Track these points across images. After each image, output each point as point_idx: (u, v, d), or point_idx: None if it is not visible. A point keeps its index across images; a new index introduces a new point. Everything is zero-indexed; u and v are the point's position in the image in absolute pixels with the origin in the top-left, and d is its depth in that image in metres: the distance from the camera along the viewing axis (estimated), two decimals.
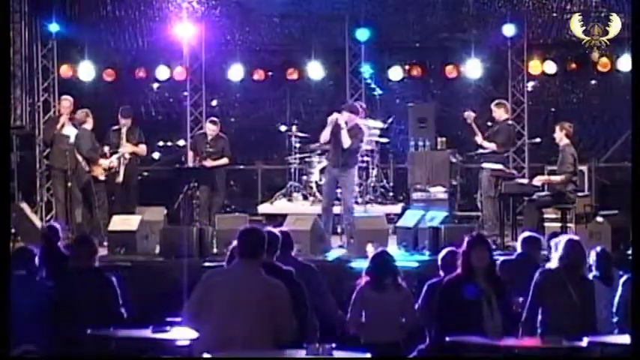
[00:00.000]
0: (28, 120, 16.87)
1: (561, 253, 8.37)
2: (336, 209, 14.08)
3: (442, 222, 13.30)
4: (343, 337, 8.69)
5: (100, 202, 14.65)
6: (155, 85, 18.17)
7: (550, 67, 17.15)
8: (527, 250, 9.75)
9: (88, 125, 14.92)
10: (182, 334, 7.61)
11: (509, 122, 15.12)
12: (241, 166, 17.65)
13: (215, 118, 15.91)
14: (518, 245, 10.02)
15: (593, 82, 17.64)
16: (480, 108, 15.60)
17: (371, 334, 8.87)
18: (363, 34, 17.12)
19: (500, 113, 14.92)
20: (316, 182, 15.79)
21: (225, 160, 15.54)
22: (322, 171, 15.41)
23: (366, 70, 17.35)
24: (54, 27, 17.09)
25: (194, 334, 7.18)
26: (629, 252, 11.54)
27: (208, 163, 15.31)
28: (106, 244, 13.25)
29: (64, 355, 7.97)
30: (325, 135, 13.78)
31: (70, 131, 15.27)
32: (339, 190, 14.05)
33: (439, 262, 9.42)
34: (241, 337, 6.86)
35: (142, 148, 15.42)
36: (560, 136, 14.07)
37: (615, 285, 8.80)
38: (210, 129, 15.62)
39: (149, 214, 14.22)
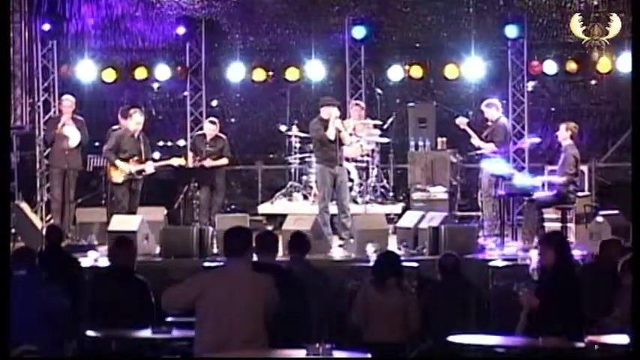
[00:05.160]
0: (28, 120, 16.86)
1: None
2: (332, 209, 14.12)
3: (442, 222, 13.32)
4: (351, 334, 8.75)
5: (114, 202, 14.47)
6: (155, 85, 18.17)
7: (550, 67, 17.15)
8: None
9: (130, 124, 14.49)
10: (182, 334, 7.62)
11: (503, 120, 15.11)
12: (241, 166, 17.65)
13: (214, 119, 15.88)
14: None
15: (593, 82, 17.64)
16: (479, 108, 15.60)
17: (373, 334, 8.88)
18: (359, 31, 17.12)
19: (492, 113, 14.90)
20: (316, 182, 15.78)
21: (224, 161, 15.50)
22: None
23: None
24: (53, 26, 17.08)
25: (194, 335, 7.18)
26: None
27: (207, 163, 15.27)
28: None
29: (64, 355, 7.97)
30: (332, 133, 13.76)
31: (71, 131, 15.28)
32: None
33: (437, 266, 9.49)
34: (239, 336, 6.87)
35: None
36: (565, 136, 14.02)
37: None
38: (209, 129, 15.58)
39: (149, 214, 14.23)
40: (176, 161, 14.82)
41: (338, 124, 13.87)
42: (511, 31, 16.76)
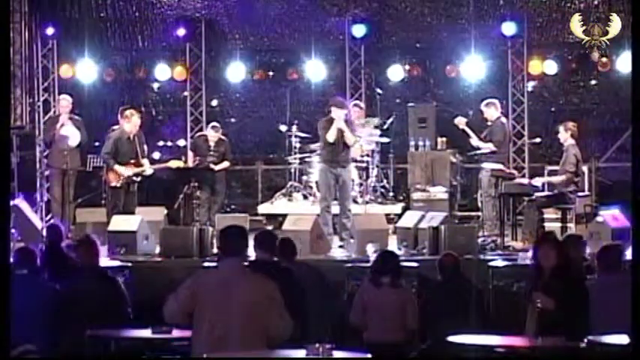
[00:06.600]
0: (28, 120, 16.87)
1: None
2: (334, 209, 14.11)
3: (442, 222, 13.32)
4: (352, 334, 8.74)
5: (111, 205, 14.47)
6: (155, 85, 18.18)
7: (550, 67, 17.15)
8: None
9: (125, 126, 14.45)
10: (182, 334, 7.62)
11: (502, 120, 15.12)
12: (241, 166, 17.66)
13: (217, 124, 15.86)
14: None
15: (593, 82, 17.64)
16: (479, 108, 15.60)
17: (372, 334, 8.88)
18: (359, 30, 17.13)
19: (491, 113, 14.92)
20: (316, 182, 15.77)
21: (226, 164, 15.55)
22: None
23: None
24: (53, 28, 17.08)
25: (191, 335, 7.16)
26: None
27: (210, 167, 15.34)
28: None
29: (64, 355, 7.97)
30: (332, 135, 13.76)
31: (70, 131, 15.28)
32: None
33: (437, 266, 9.49)
34: (235, 336, 6.83)
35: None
36: (565, 137, 14.08)
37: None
38: (212, 135, 15.61)
39: (149, 214, 14.23)
40: (174, 164, 14.84)
41: (342, 126, 13.85)
42: (508, 28, 16.76)
